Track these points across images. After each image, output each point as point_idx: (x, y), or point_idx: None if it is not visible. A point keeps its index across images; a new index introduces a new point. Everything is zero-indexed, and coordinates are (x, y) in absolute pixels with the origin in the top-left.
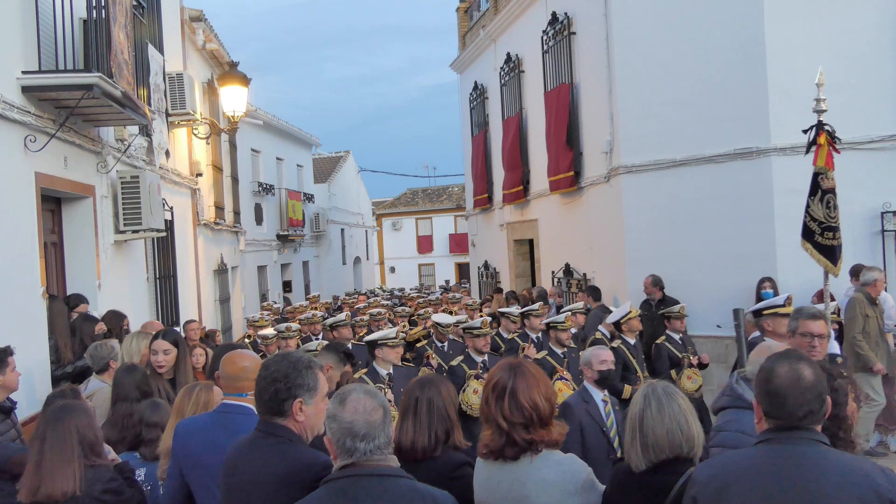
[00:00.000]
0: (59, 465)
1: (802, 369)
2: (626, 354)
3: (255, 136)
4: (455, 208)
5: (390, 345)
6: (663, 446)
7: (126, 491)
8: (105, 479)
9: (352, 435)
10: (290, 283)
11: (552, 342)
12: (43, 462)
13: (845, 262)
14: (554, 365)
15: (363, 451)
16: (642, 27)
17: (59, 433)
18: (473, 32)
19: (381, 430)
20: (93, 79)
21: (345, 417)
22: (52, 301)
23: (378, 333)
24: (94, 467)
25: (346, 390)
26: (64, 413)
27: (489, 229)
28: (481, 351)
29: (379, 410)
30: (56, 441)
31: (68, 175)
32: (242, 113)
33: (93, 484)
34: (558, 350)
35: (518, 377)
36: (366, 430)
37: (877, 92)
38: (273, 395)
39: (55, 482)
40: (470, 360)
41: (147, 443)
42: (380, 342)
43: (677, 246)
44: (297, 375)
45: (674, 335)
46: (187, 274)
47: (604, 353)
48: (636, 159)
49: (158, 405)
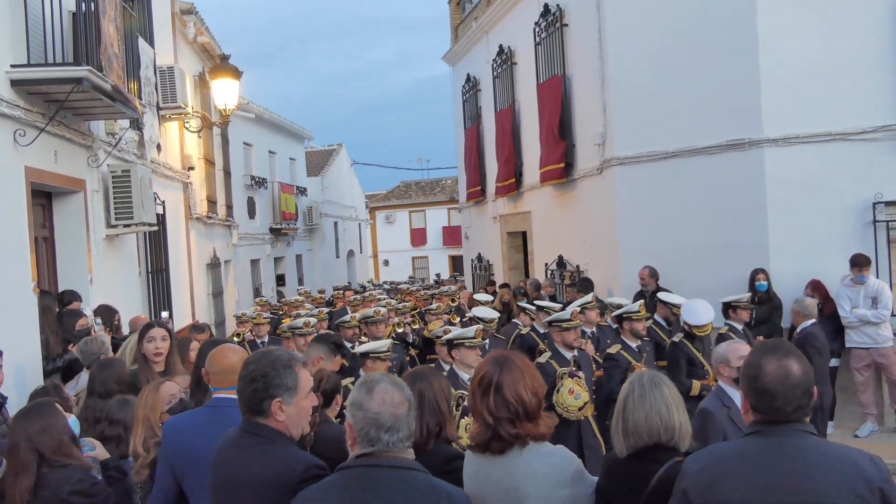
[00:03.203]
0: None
1: (790, 366)
2: (690, 349)
3: (247, 129)
4: (448, 201)
5: (468, 345)
6: (642, 432)
7: (101, 492)
8: (73, 479)
9: (377, 426)
10: (284, 276)
11: (625, 335)
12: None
13: (837, 252)
14: (630, 360)
15: (386, 442)
16: (635, 19)
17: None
18: (466, 25)
19: (405, 423)
20: (82, 72)
21: (371, 408)
22: (40, 296)
23: (456, 332)
24: (64, 468)
25: (374, 379)
26: (16, 423)
27: (482, 222)
28: (571, 346)
29: (405, 404)
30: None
31: (59, 169)
32: (234, 106)
33: (60, 486)
34: (633, 343)
35: (504, 371)
36: (391, 422)
37: (869, 82)
38: (252, 394)
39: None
40: (559, 357)
41: (109, 440)
42: (456, 342)
43: (670, 237)
44: (275, 375)
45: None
46: (180, 268)
47: (742, 346)
48: (629, 151)
49: (126, 402)
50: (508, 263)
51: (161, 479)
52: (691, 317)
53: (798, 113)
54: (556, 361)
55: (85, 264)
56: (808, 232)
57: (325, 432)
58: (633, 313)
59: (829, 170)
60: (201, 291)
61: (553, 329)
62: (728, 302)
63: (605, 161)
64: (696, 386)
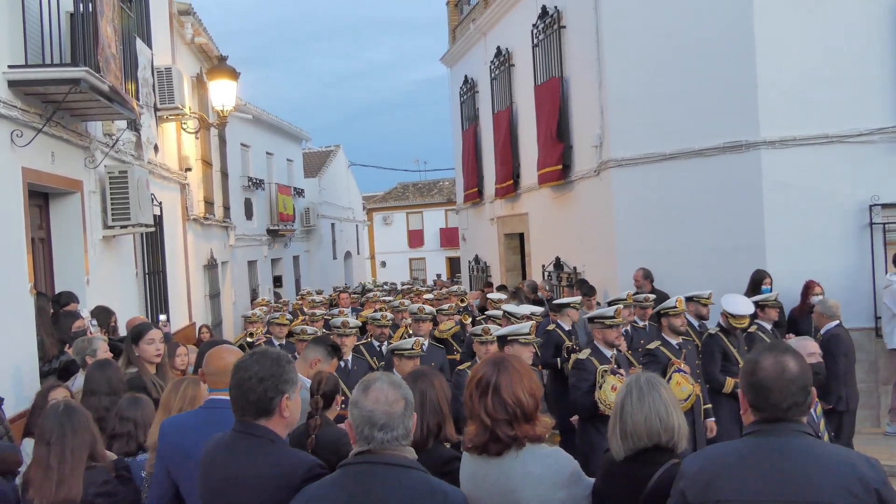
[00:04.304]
0: (79, 467)
1: (787, 361)
2: (726, 344)
3: (244, 130)
4: (446, 202)
5: (522, 341)
6: (641, 434)
7: (120, 491)
8: (99, 481)
9: (370, 424)
10: (281, 277)
11: (664, 331)
12: (64, 464)
13: (833, 253)
14: (669, 356)
15: (380, 440)
16: (632, 21)
17: (79, 434)
18: (463, 26)
19: (401, 422)
20: (80, 73)
21: (366, 406)
22: (36, 297)
23: (509, 328)
24: (89, 469)
25: (371, 378)
26: (77, 412)
27: (480, 223)
28: (613, 343)
29: (401, 402)
30: (77, 442)
31: (56, 170)
32: (232, 107)
33: (87, 487)
34: (672, 340)
35: (502, 373)
36: (385, 420)
37: (865, 85)
38: (262, 394)
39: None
40: (599, 354)
41: (119, 437)
42: (510, 338)
43: (667, 239)
44: (281, 371)
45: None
46: (177, 269)
47: (810, 343)
48: (626, 153)
49: (138, 400)
50: (506, 265)
51: (158, 479)
52: (731, 306)
53: (795, 115)
54: (596, 358)
55: (82, 265)
56: (805, 234)
57: (325, 435)
58: (671, 309)
59: (825, 172)
60: (198, 293)
61: (595, 326)
62: (756, 301)
63: (603, 163)
64: (730, 383)
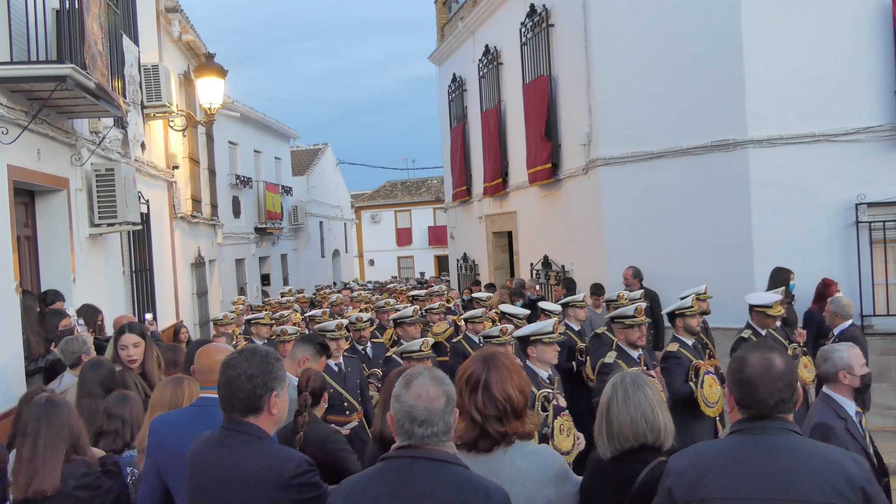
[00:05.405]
0: (53, 460)
1: (773, 358)
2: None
3: (232, 128)
4: (434, 201)
5: (545, 341)
6: (627, 435)
7: (103, 484)
8: (78, 474)
9: (411, 419)
10: (269, 276)
11: (678, 332)
12: (36, 457)
13: (820, 251)
14: (691, 358)
15: (420, 435)
16: (620, 20)
17: (54, 428)
18: (452, 24)
19: (441, 418)
20: (66, 70)
21: (406, 400)
22: (22, 296)
23: (531, 326)
24: (69, 462)
25: (414, 373)
26: (56, 407)
27: (468, 222)
28: (636, 344)
29: (442, 398)
30: (51, 436)
31: (42, 168)
32: (219, 105)
33: (66, 479)
34: (688, 340)
35: (492, 369)
36: (425, 416)
37: (852, 84)
38: (251, 391)
39: (46, 478)
40: (625, 356)
41: (105, 434)
42: (533, 338)
43: (655, 238)
44: (270, 369)
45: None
46: (164, 267)
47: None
48: (614, 151)
49: (126, 398)
50: (494, 263)
51: (147, 477)
52: (758, 299)
53: (782, 114)
54: (623, 361)
55: (68, 263)
56: (792, 232)
57: (313, 432)
58: (686, 309)
59: (812, 171)
60: (185, 291)
61: (616, 325)
62: None
63: (591, 161)
64: None
